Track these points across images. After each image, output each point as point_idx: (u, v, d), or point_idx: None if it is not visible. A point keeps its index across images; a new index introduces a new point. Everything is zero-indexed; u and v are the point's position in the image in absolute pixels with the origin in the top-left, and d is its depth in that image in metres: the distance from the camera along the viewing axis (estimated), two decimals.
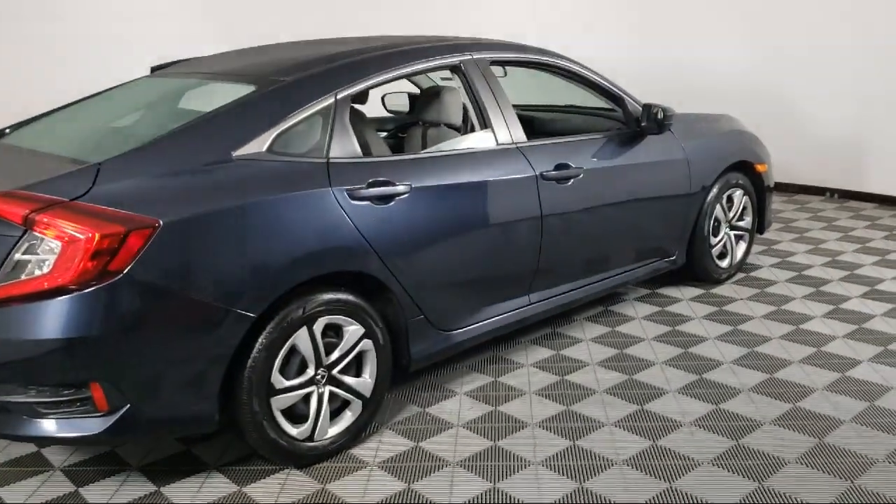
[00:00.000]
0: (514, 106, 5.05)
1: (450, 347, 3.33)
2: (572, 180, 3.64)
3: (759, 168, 4.77)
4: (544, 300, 3.71)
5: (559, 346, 3.86)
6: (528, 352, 3.79)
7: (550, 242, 3.59)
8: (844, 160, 6.81)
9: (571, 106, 4.82)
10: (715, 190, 4.46)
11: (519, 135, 3.54)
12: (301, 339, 2.77)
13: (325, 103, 2.97)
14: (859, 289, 4.56)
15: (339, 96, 3.01)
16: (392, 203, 2.99)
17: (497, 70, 4.29)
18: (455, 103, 3.63)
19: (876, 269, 4.89)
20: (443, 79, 4.90)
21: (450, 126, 3.70)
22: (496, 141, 3.45)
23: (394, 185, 3.00)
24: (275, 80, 3.01)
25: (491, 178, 3.34)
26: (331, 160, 2.91)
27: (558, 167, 3.59)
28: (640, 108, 4.02)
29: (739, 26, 7.10)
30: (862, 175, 6.74)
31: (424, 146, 3.76)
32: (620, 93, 4.07)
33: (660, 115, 3.94)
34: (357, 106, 3.86)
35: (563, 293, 3.80)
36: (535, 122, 4.73)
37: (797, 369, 3.55)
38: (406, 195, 3.02)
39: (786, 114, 6.95)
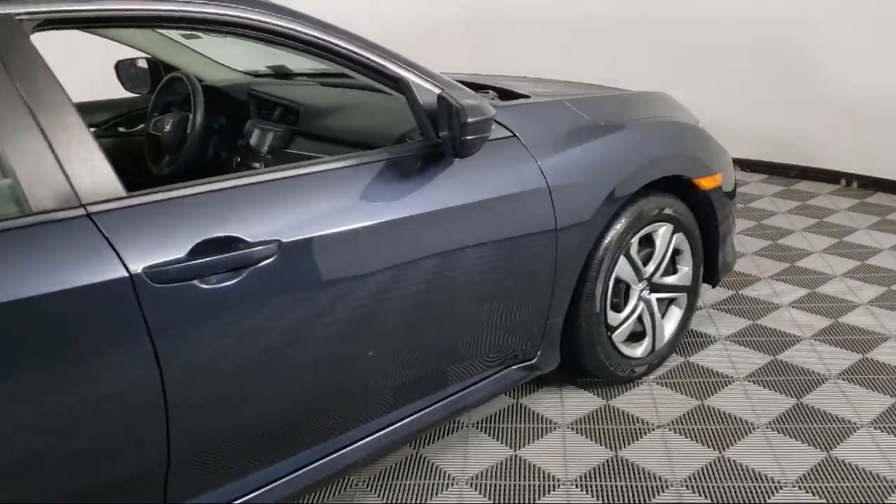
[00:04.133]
0: (306, 76, 3.10)
1: None
2: (248, 271, 1.71)
3: (704, 183, 2.78)
4: None
5: None
6: None
7: (189, 407, 1.70)
8: (877, 133, 4.67)
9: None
10: (615, 230, 2.50)
11: (100, 183, 1.58)
12: None
13: None
14: (873, 401, 2.59)
15: None
16: None
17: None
18: None
19: None
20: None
21: None
22: (27, 201, 1.52)
23: None
24: None
25: None
26: None
27: (199, 250, 1.65)
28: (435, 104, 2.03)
29: None
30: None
31: None
32: (405, 71, 2.07)
33: (463, 121, 1.94)
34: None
35: (264, 489, 1.91)
36: (303, 117, 2.77)
37: None
38: None
39: (806, 65, 4.82)
